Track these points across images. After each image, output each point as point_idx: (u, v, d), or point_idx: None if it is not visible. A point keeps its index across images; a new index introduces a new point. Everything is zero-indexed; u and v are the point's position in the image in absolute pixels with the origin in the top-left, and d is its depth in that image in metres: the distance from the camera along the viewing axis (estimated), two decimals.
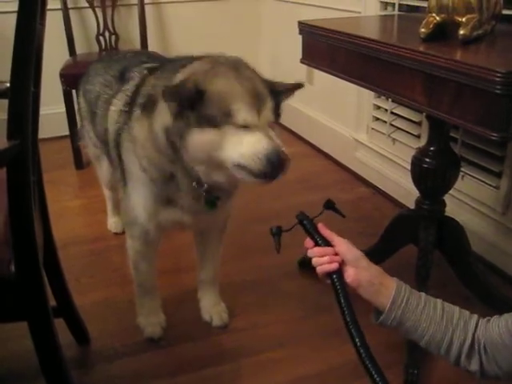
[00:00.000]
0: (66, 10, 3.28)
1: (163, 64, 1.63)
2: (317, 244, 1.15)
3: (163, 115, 1.41)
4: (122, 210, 1.77)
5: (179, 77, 1.40)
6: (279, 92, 1.43)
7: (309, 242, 1.16)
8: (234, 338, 1.79)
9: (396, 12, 2.47)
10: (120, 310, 1.93)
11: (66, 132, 3.10)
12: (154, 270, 1.80)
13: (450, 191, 1.84)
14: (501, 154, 2.02)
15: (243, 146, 1.31)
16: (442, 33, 1.43)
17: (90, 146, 2.18)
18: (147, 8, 3.51)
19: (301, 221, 1.17)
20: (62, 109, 3.04)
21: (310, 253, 1.15)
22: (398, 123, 2.57)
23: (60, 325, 1.42)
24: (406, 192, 2.35)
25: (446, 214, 1.84)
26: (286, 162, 1.32)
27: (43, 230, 1.50)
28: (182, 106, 1.33)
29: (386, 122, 2.65)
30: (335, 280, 1.11)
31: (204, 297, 1.92)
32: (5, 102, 1.13)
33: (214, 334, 1.81)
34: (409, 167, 1.84)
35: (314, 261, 1.14)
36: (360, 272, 1.11)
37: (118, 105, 1.64)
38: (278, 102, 1.43)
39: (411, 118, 2.46)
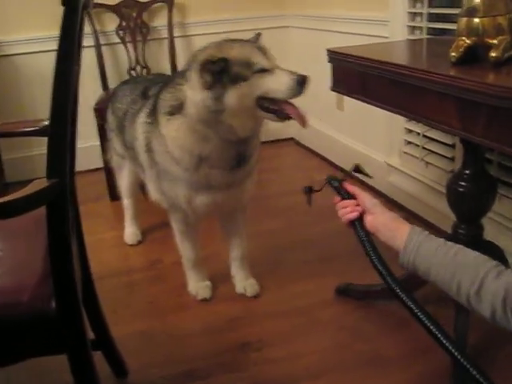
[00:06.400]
0: (98, 46, 3.38)
1: (167, 82, 1.96)
2: (343, 198, 1.33)
3: (196, 96, 1.72)
4: (164, 201, 2.04)
5: (184, 87, 1.77)
6: None
7: (336, 198, 1.34)
8: (272, 367, 1.77)
9: (424, 36, 2.47)
10: (157, 341, 1.93)
11: (100, 165, 3.15)
12: (197, 247, 2.15)
13: (488, 213, 1.81)
14: None
15: (269, 82, 1.69)
16: (473, 56, 1.41)
17: (114, 157, 2.52)
18: (177, 41, 3.59)
19: (329, 181, 1.36)
20: (96, 142, 3.11)
21: (337, 207, 1.33)
22: (431, 146, 2.55)
23: (98, 358, 1.42)
24: (442, 216, 2.31)
25: (484, 237, 1.81)
26: (307, 78, 1.69)
27: (80, 264, 1.52)
28: (215, 76, 1.66)
29: (418, 145, 2.63)
30: (357, 226, 1.27)
31: (237, 274, 2.21)
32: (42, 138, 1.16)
33: (252, 364, 1.79)
34: (443, 190, 1.81)
35: (339, 213, 1.31)
36: (376, 217, 1.26)
37: (142, 117, 1.99)
38: None
39: (444, 141, 2.43)
